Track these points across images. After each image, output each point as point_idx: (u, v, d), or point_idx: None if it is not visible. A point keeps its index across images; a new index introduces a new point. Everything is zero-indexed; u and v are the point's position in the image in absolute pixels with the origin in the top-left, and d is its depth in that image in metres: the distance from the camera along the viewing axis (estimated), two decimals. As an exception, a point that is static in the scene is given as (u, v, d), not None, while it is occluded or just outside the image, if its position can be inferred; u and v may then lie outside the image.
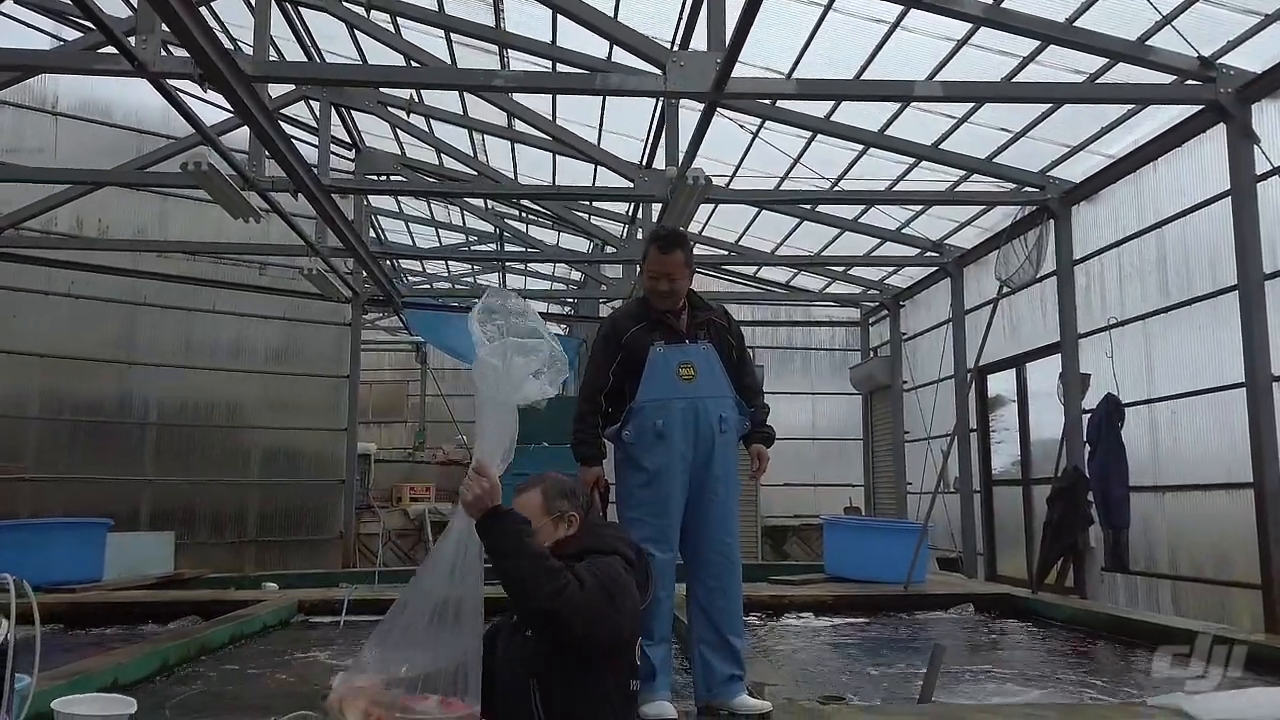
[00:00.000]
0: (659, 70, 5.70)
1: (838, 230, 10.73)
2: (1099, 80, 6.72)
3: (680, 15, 6.81)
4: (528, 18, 7.62)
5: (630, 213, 11.49)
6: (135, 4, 5.80)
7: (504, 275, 16.60)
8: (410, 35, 8.17)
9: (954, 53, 6.86)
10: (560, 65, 7.29)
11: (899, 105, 7.66)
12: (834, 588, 8.02)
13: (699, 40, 5.87)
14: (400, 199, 13.23)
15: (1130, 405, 7.36)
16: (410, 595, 2.54)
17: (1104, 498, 7.26)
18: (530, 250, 13.81)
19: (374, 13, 7.96)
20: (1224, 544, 6.59)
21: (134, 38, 5.43)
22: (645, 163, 9.18)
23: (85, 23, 6.99)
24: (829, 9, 6.73)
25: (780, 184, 9.58)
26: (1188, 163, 6.97)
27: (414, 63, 7.89)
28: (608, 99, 8.64)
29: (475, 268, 16.72)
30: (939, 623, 7.15)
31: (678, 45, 6.66)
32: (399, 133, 10.72)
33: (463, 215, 13.62)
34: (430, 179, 11.46)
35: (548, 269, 16.49)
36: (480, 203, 12.69)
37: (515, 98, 8.60)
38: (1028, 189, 8.54)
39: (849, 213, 10.28)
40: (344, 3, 7.87)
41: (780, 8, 6.54)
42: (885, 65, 7.14)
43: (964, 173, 8.70)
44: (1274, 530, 5.78)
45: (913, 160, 8.64)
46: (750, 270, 13.41)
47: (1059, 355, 8.39)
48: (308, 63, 8.57)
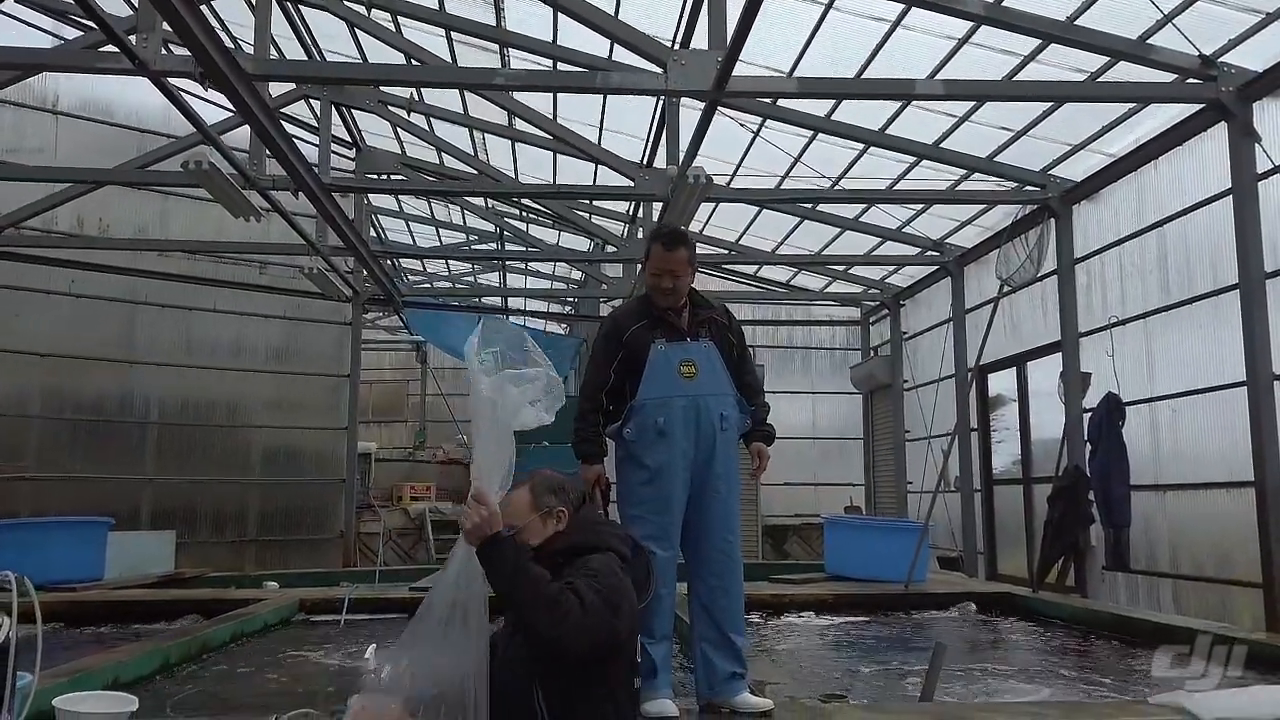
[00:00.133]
0: (660, 69, 5.71)
1: (838, 229, 10.73)
2: (1100, 79, 6.73)
3: (681, 14, 6.81)
4: (528, 16, 7.62)
5: (631, 212, 11.49)
6: (136, 3, 5.79)
7: (504, 274, 16.60)
8: (411, 34, 8.17)
9: (955, 51, 6.86)
10: (561, 64, 7.29)
11: (900, 104, 7.66)
12: (835, 587, 8.02)
13: (700, 39, 5.88)
14: (401, 198, 13.22)
15: (1131, 404, 7.36)
16: (420, 619, 2.57)
17: (1105, 496, 7.27)
18: (531, 249, 13.80)
19: (374, 11, 7.96)
20: (1225, 543, 6.59)
21: (135, 36, 5.44)
22: (646, 162, 9.19)
23: (86, 21, 6.99)
24: (830, 7, 6.73)
25: (781, 183, 9.59)
26: (1189, 161, 6.97)
27: (414, 61, 7.88)
28: (608, 98, 8.64)
29: (476, 267, 16.72)
30: (940, 622, 7.16)
31: (678, 44, 6.66)
32: (399, 132, 10.72)
33: (463, 214, 13.62)
34: (430, 178, 11.46)
35: (548, 268, 16.49)
36: (481, 202, 12.68)
37: (516, 96, 8.60)
38: (1028, 188, 8.54)
39: (849, 212, 10.28)
40: (345, 1, 7.87)
41: (781, 6, 6.53)
42: (886, 64, 7.14)
43: (965, 172, 8.70)
44: (1275, 529, 5.79)
45: (913, 159, 8.64)
46: (751, 269, 13.41)
47: (1060, 354, 8.39)
48: (308, 61, 8.56)
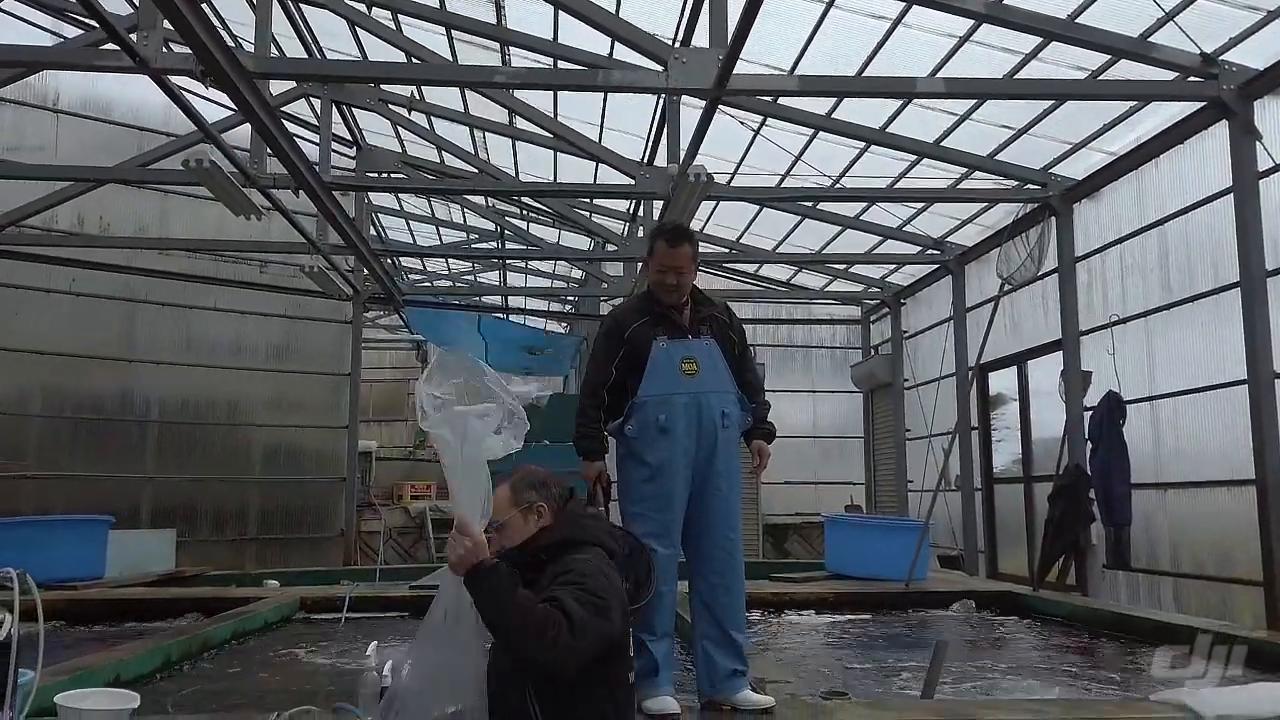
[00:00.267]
0: (661, 67, 5.71)
1: (839, 228, 10.72)
2: (1101, 77, 6.72)
3: (682, 12, 6.81)
4: (529, 14, 7.62)
5: (631, 210, 11.49)
6: (137, 1, 5.79)
7: (505, 273, 16.60)
8: (411, 32, 8.15)
9: (956, 49, 6.85)
10: (561, 62, 7.28)
11: (901, 102, 7.66)
12: (835, 585, 8.02)
13: (701, 37, 5.88)
14: (401, 196, 13.22)
15: (1132, 402, 7.37)
16: (416, 647, 2.62)
17: (1105, 495, 7.27)
18: (531, 248, 13.80)
19: (375, 9, 7.96)
20: (1226, 541, 6.59)
21: (136, 34, 5.44)
22: (647, 160, 9.19)
23: (87, 20, 6.99)
24: (831, 6, 6.73)
25: (781, 181, 9.59)
26: (1190, 160, 6.97)
27: (415, 59, 7.87)
28: (609, 97, 8.64)
29: (476, 265, 16.72)
30: (940, 620, 7.16)
31: (679, 42, 6.67)
32: (400, 130, 10.72)
33: (463, 213, 13.62)
34: (431, 176, 11.46)
35: (548, 267, 16.49)
36: (481, 200, 12.68)
37: (516, 95, 8.59)
38: (1029, 186, 8.53)
39: (850, 210, 10.27)
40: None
41: (782, 4, 6.52)
42: (887, 62, 7.14)
43: (966, 170, 8.69)
44: (1276, 527, 5.79)
45: (914, 158, 8.64)
46: (751, 268, 13.42)
47: (1060, 353, 8.39)
48: (309, 59, 8.56)
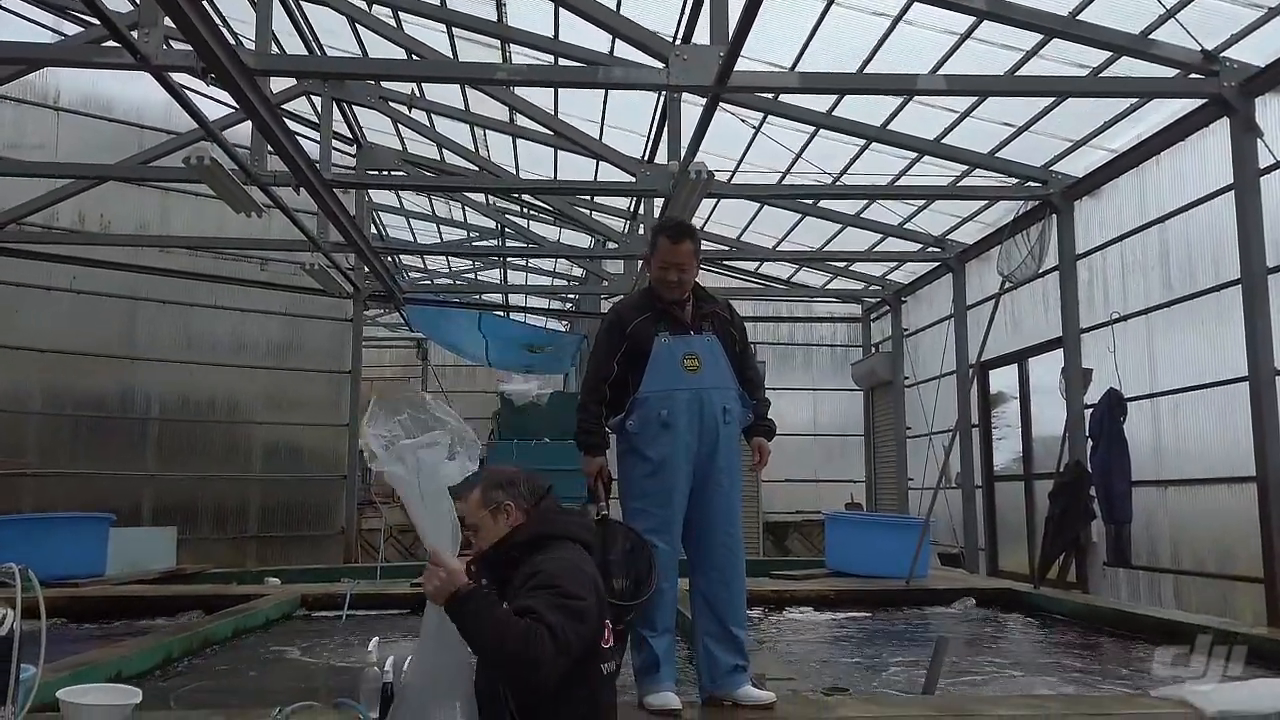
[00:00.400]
0: (661, 64, 5.70)
1: (840, 226, 10.72)
2: (1102, 74, 6.72)
3: (683, 9, 6.81)
4: (529, 11, 7.61)
5: (632, 208, 11.48)
6: (138, -2, 5.80)
7: (505, 270, 16.59)
8: (411, 29, 8.15)
9: (957, 46, 6.85)
10: (562, 59, 7.28)
11: (901, 100, 7.66)
12: (836, 582, 8.03)
13: (701, 34, 5.87)
14: (401, 194, 13.21)
15: (1132, 400, 7.36)
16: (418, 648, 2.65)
17: (1106, 492, 7.27)
18: (531, 246, 13.79)
19: (375, 7, 7.96)
20: (1226, 538, 6.59)
21: (137, 31, 5.44)
22: (647, 158, 9.19)
23: (87, 17, 6.98)
24: (832, 3, 6.73)
25: (782, 179, 9.59)
26: (1191, 157, 6.97)
27: (415, 56, 7.87)
28: (610, 94, 8.63)
29: (476, 263, 16.72)
30: (941, 617, 7.16)
31: (680, 39, 6.66)
32: (400, 128, 10.71)
33: (464, 211, 13.61)
34: (431, 174, 11.45)
35: (549, 264, 16.48)
36: (481, 198, 12.67)
37: (517, 92, 8.58)
38: (1030, 184, 8.53)
39: (851, 208, 10.27)
40: (346, -3, 7.86)
41: (783, 1, 6.52)
42: (888, 59, 7.13)
43: (966, 168, 8.69)
44: (1277, 524, 5.78)
45: (915, 155, 8.64)
46: (752, 266, 13.43)
47: (1061, 350, 8.38)
48: (309, 56, 8.55)
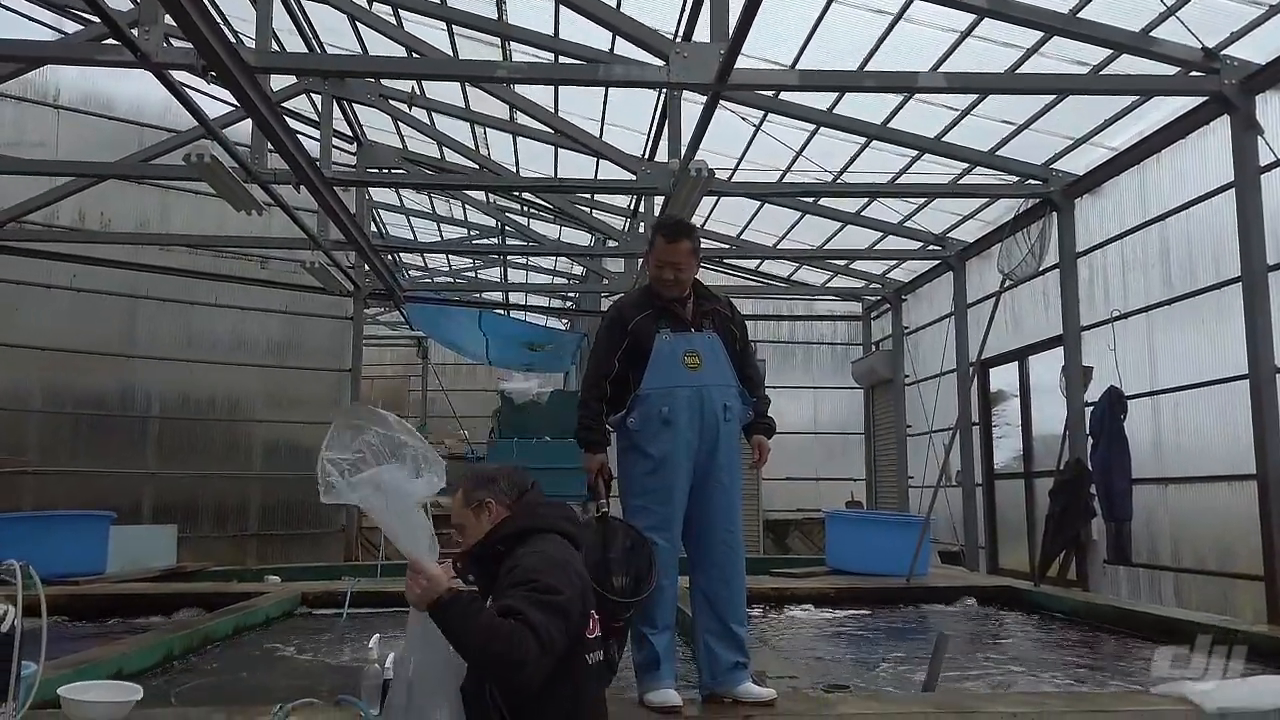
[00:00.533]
0: (662, 61, 5.70)
1: (840, 224, 10.72)
2: (1102, 72, 6.71)
3: (683, 6, 6.80)
4: (529, 9, 7.61)
5: (632, 206, 11.48)
6: (138, -5, 5.79)
7: (505, 269, 16.59)
8: (412, 27, 8.15)
9: (957, 44, 6.85)
10: (562, 57, 7.28)
11: (902, 97, 7.66)
12: (836, 580, 8.03)
13: (702, 31, 5.87)
14: (402, 192, 13.21)
15: (1133, 398, 7.36)
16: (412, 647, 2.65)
17: (1106, 490, 7.27)
18: (531, 244, 13.79)
19: (375, 5, 7.95)
20: (1227, 536, 6.59)
21: (137, 29, 5.44)
22: (647, 156, 9.18)
23: (87, 15, 6.98)
24: (832, 0, 6.72)
25: (782, 177, 9.59)
26: (1191, 155, 6.96)
27: (416, 54, 7.87)
28: (610, 92, 8.63)
29: (477, 262, 16.71)
30: (941, 615, 7.16)
31: (680, 36, 6.65)
32: (400, 126, 10.71)
33: (464, 209, 13.61)
34: (431, 172, 11.45)
35: (549, 263, 16.48)
36: (482, 196, 12.66)
37: (517, 90, 8.58)
38: (1031, 182, 8.53)
39: (851, 206, 10.27)
40: (345, -6, 7.86)
41: (783, -1, 6.54)
42: (888, 57, 7.13)
43: (967, 166, 8.69)
44: (1277, 521, 5.78)
45: (915, 153, 8.64)
46: (752, 264, 13.42)
47: (1061, 348, 8.38)
48: (310, 54, 8.55)
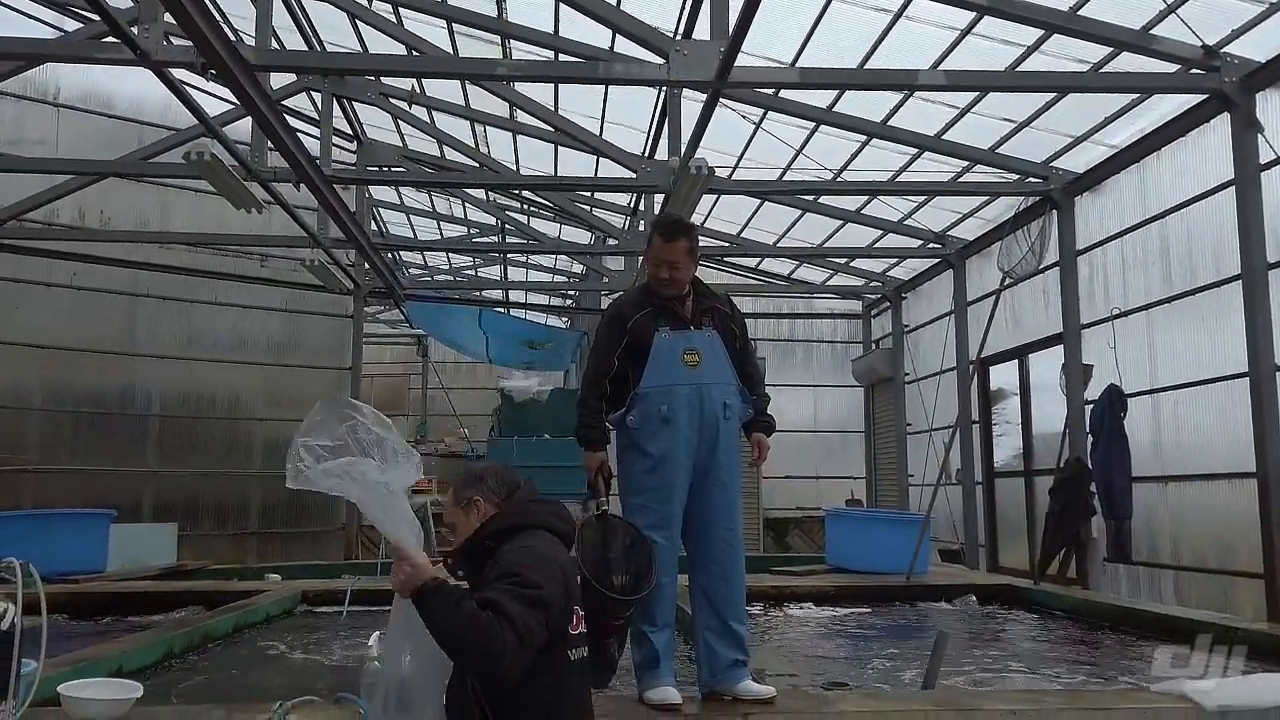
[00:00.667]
0: (662, 59, 5.70)
1: (840, 222, 10.71)
2: (1103, 70, 6.70)
3: (683, 4, 6.79)
4: (529, 7, 7.60)
5: (632, 204, 11.48)
6: (137, -7, 5.78)
7: (505, 267, 16.58)
8: (412, 25, 8.15)
9: (957, 42, 6.85)
10: (562, 55, 7.27)
11: (902, 95, 7.65)
12: (836, 578, 8.04)
13: (702, 29, 5.86)
14: (402, 190, 13.20)
15: (1133, 396, 7.36)
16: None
17: (1106, 488, 7.27)
18: (532, 242, 13.79)
19: (376, 3, 7.95)
20: (1227, 534, 6.59)
21: (136, 27, 5.43)
22: (647, 154, 9.18)
23: (87, 13, 6.98)
24: (832, -2, 6.73)
25: (782, 175, 9.58)
26: (1191, 153, 6.96)
27: (415, 52, 7.86)
28: (610, 90, 8.62)
29: (477, 260, 16.71)
30: (941, 613, 7.17)
31: (680, 34, 6.64)
32: (400, 124, 10.70)
33: (464, 207, 13.60)
34: (431, 170, 11.44)
35: (549, 261, 16.48)
36: (482, 194, 12.65)
37: (517, 88, 8.57)
38: (1031, 180, 8.52)
39: (851, 204, 10.26)
40: (345, -8, 7.85)
41: (783, -3, 6.53)
42: (888, 55, 7.12)
43: (967, 163, 8.68)
44: (1277, 520, 5.79)
45: (915, 151, 8.63)
46: (752, 262, 13.41)
47: (1061, 346, 8.38)
48: (309, 51, 8.55)
